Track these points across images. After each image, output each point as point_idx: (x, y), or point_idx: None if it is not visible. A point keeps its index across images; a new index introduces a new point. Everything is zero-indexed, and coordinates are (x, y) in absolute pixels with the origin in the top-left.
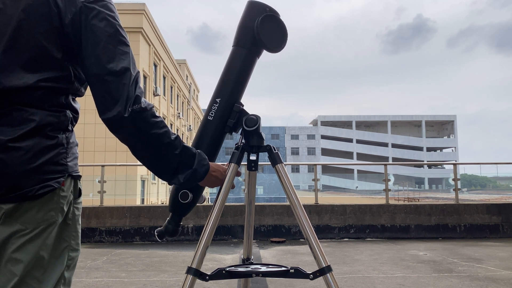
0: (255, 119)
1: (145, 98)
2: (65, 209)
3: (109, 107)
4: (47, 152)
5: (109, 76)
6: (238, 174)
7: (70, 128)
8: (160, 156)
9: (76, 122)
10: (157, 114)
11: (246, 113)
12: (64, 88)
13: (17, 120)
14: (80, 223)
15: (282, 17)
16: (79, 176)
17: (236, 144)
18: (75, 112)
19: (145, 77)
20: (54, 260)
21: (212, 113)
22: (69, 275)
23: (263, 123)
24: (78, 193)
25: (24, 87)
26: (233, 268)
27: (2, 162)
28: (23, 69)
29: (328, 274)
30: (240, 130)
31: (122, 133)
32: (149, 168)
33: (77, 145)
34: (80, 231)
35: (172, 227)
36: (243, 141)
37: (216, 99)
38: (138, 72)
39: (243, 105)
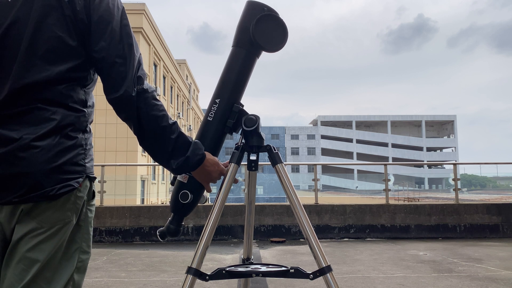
0: (254, 119)
1: (147, 81)
2: (79, 210)
3: (116, 87)
4: (68, 152)
5: (118, 59)
6: (235, 181)
7: (88, 129)
8: (156, 138)
9: (92, 118)
10: (157, 97)
11: (246, 113)
12: (82, 77)
13: (38, 119)
14: (92, 225)
15: (283, 16)
16: (95, 178)
17: (236, 144)
18: (92, 107)
19: None
20: (65, 261)
21: (211, 114)
22: (78, 278)
23: (263, 123)
24: (92, 195)
25: (45, 81)
26: (233, 268)
27: (24, 161)
28: (43, 63)
29: (328, 274)
30: (240, 130)
31: (126, 112)
32: (146, 149)
33: (92, 147)
34: (91, 233)
35: (174, 227)
36: (243, 141)
37: (216, 100)
38: (141, 54)
39: (243, 105)
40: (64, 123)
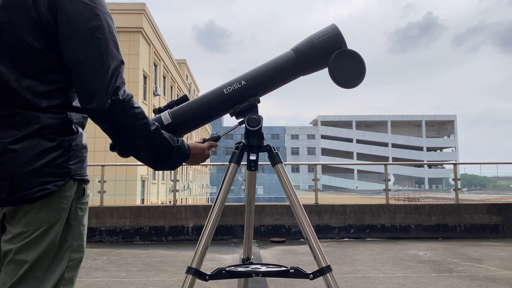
0: (258, 119)
1: (124, 87)
2: (68, 209)
3: (88, 98)
4: (47, 155)
5: (86, 65)
6: (214, 145)
7: (75, 130)
8: (139, 146)
9: (84, 120)
10: (136, 104)
11: (255, 110)
12: (58, 80)
13: (18, 123)
14: (85, 224)
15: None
16: (85, 180)
17: (236, 144)
18: (78, 111)
19: (145, 77)
20: (56, 261)
21: (229, 89)
22: (70, 276)
23: (266, 123)
24: (82, 192)
25: (17, 86)
26: (233, 268)
27: (2, 165)
28: (11, 67)
29: (328, 274)
30: (240, 120)
31: (102, 124)
32: (132, 155)
33: (85, 147)
34: (84, 232)
35: None
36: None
37: (242, 81)
38: (121, 60)
39: (259, 102)
40: (43, 125)
